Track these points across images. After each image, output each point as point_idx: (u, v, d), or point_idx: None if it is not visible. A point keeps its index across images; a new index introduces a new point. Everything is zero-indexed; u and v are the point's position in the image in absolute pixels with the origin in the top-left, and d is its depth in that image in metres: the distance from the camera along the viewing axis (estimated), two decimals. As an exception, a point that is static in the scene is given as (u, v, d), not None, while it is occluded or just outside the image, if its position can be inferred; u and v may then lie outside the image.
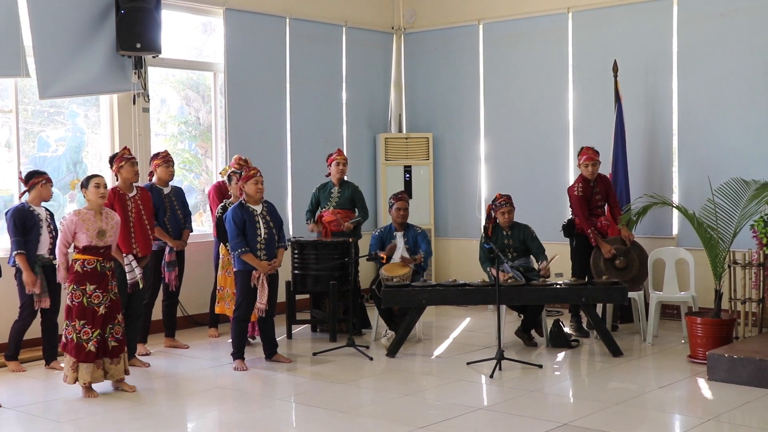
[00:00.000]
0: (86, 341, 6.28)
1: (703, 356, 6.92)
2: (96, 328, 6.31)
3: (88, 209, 6.38)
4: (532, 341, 7.97)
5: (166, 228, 7.83)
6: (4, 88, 8.14)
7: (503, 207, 8.13)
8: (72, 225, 6.30)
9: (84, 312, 6.30)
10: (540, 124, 10.01)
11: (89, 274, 6.32)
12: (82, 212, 6.36)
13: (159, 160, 7.92)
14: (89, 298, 6.31)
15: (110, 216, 6.48)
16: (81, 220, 6.31)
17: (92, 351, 6.29)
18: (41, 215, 7.11)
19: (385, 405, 6.21)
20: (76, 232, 6.30)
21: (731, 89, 8.76)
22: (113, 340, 6.42)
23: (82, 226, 6.29)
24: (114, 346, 6.42)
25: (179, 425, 6.04)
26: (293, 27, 9.93)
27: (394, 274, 7.97)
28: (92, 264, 6.32)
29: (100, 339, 6.32)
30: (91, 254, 6.32)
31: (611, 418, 5.73)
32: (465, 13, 10.52)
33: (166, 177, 7.92)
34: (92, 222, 6.33)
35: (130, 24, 8.07)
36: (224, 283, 7.98)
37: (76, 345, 6.28)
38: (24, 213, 7.01)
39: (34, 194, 7.08)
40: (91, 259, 6.32)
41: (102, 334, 6.34)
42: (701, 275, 8.19)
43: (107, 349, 6.39)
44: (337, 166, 8.77)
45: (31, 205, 7.08)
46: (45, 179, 7.10)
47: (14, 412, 6.05)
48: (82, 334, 6.29)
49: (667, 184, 9.08)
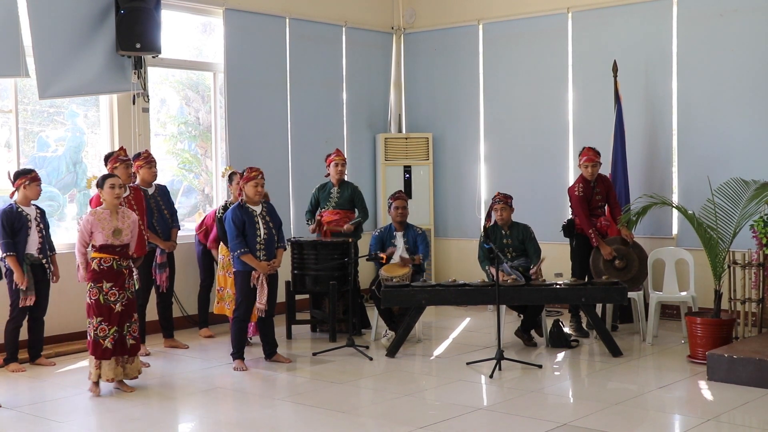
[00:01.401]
0: (103, 338, 6.37)
1: (703, 356, 6.92)
2: (113, 326, 6.40)
3: (104, 209, 6.48)
4: (532, 341, 7.97)
5: (155, 229, 7.82)
6: (4, 88, 8.14)
7: (497, 204, 8.15)
8: (88, 225, 6.40)
9: (101, 309, 6.39)
10: (540, 124, 10.01)
11: (105, 272, 6.40)
12: (98, 212, 6.46)
13: (141, 161, 7.82)
14: (105, 296, 6.39)
15: (127, 215, 6.56)
16: (97, 219, 6.40)
17: (109, 348, 6.37)
18: (30, 215, 7.13)
19: (385, 405, 6.21)
20: (92, 231, 6.40)
21: (731, 89, 8.76)
22: (131, 338, 6.50)
23: (98, 225, 6.38)
24: (132, 344, 6.52)
25: (179, 425, 6.05)
26: (293, 27, 9.93)
27: (393, 274, 7.97)
28: (108, 262, 6.41)
29: (117, 336, 6.40)
30: (107, 253, 6.41)
31: (611, 418, 5.73)
32: (465, 13, 10.52)
33: (149, 178, 7.84)
34: (108, 221, 6.41)
35: (129, 24, 8.07)
36: (224, 284, 7.98)
37: (94, 342, 6.38)
38: (12, 214, 7.05)
39: (21, 194, 7.12)
40: (108, 257, 6.41)
41: (119, 331, 6.43)
42: (701, 275, 8.19)
43: (126, 347, 6.47)
44: (336, 167, 8.76)
45: (20, 206, 7.10)
46: (29, 179, 7.11)
47: (14, 412, 6.05)
48: (99, 331, 6.38)
49: (667, 184, 9.08)
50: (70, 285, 7.75)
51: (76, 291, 7.90)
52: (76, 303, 8.01)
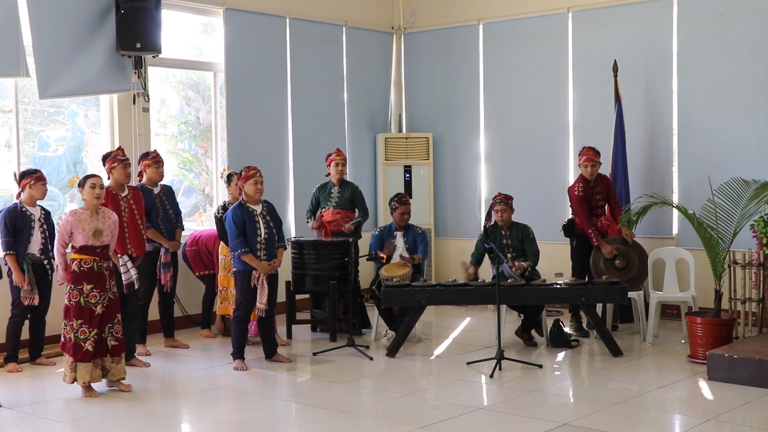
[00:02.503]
0: (83, 341, 6.30)
1: (703, 356, 6.92)
2: (93, 328, 6.32)
3: (84, 209, 6.40)
4: (532, 341, 7.97)
5: (160, 228, 7.82)
6: (4, 88, 8.15)
7: (497, 205, 8.16)
8: (68, 225, 6.32)
9: (81, 311, 6.31)
10: (540, 124, 10.00)
11: (86, 273, 6.33)
12: (78, 212, 6.37)
13: (149, 161, 7.86)
14: (86, 298, 6.32)
15: (107, 215, 6.48)
16: (77, 220, 6.32)
17: (89, 350, 6.30)
18: (34, 215, 7.13)
19: (385, 405, 6.20)
20: (72, 232, 6.32)
21: (731, 89, 8.76)
22: (113, 339, 6.43)
23: (78, 226, 6.30)
24: (114, 345, 6.44)
25: (179, 425, 6.05)
26: (293, 27, 9.93)
27: (393, 274, 7.96)
28: (89, 264, 6.34)
29: (97, 339, 6.33)
30: (87, 254, 6.34)
31: (611, 418, 5.73)
32: (465, 13, 10.52)
33: (156, 178, 7.88)
34: (88, 222, 6.34)
35: (130, 24, 8.07)
36: (226, 284, 7.98)
37: (74, 344, 6.29)
38: (15, 214, 7.05)
39: (26, 194, 7.13)
40: (88, 258, 6.33)
41: (100, 333, 6.35)
42: (701, 275, 8.19)
43: (106, 349, 6.40)
44: (336, 167, 8.76)
45: (24, 206, 7.11)
46: (34, 179, 7.11)
47: (14, 412, 6.05)
48: (80, 334, 6.30)
49: (667, 184, 9.07)
50: (70, 285, 7.75)
51: (76, 291, 7.90)
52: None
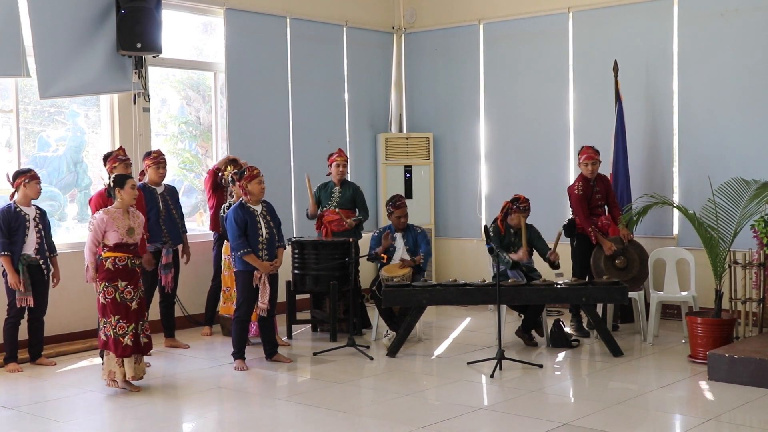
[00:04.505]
0: (122, 336, 6.39)
1: (704, 356, 6.92)
2: (131, 323, 6.42)
3: (116, 208, 6.50)
4: (533, 341, 7.97)
5: (161, 228, 7.82)
6: (5, 88, 8.15)
7: (522, 212, 8.04)
8: (102, 224, 6.41)
9: (118, 307, 6.40)
10: (540, 124, 10.01)
11: (120, 270, 6.42)
12: (111, 211, 6.48)
13: (150, 161, 7.89)
14: (122, 294, 6.41)
15: (136, 215, 6.61)
16: (111, 218, 6.42)
17: (129, 345, 6.40)
18: (29, 215, 7.13)
19: (385, 405, 6.20)
20: (106, 230, 6.41)
21: (731, 89, 8.76)
22: (144, 337, 6.53)
23: (113, 225, 6.41)
24: (145, 342, 6.54)
25: (179, 425, 6.05)
26: (294, 27, 9.93)
27: (394, 274, 7.97)
28: (123, 261, 6.44)
29: (134, 333, 6.42)
30: (122, 251, 6.44)
31: (611, 418, 5.73)
32: (465, 13, 10.52)
33: (155, 178, 7.90)
34: (121, 220, 6.45)
35: (130, 24, 8.07)
36: (230, 284, 7.98)
37: (115, 340, 6.38)
38: (9, 214, 7.05)
39: (20, 194, 7.12)
40: (122, 256, 6.44)
41: (136, 329, 6.45)
42: (702, 275, 8.19)
43: (140, 345, 6.48)
44: (337, 168, 8.77)
45: (19, 206, 7.10)
46: (28, 177, 7.12)
47: (14, 412, 6.05)
48: (118, 329, 6.39)
49: (668, 184, 9.08)
50: (70, 285, 7.76)
51: (77, 291, 7.91)
52: (77, 303, 8.03)
